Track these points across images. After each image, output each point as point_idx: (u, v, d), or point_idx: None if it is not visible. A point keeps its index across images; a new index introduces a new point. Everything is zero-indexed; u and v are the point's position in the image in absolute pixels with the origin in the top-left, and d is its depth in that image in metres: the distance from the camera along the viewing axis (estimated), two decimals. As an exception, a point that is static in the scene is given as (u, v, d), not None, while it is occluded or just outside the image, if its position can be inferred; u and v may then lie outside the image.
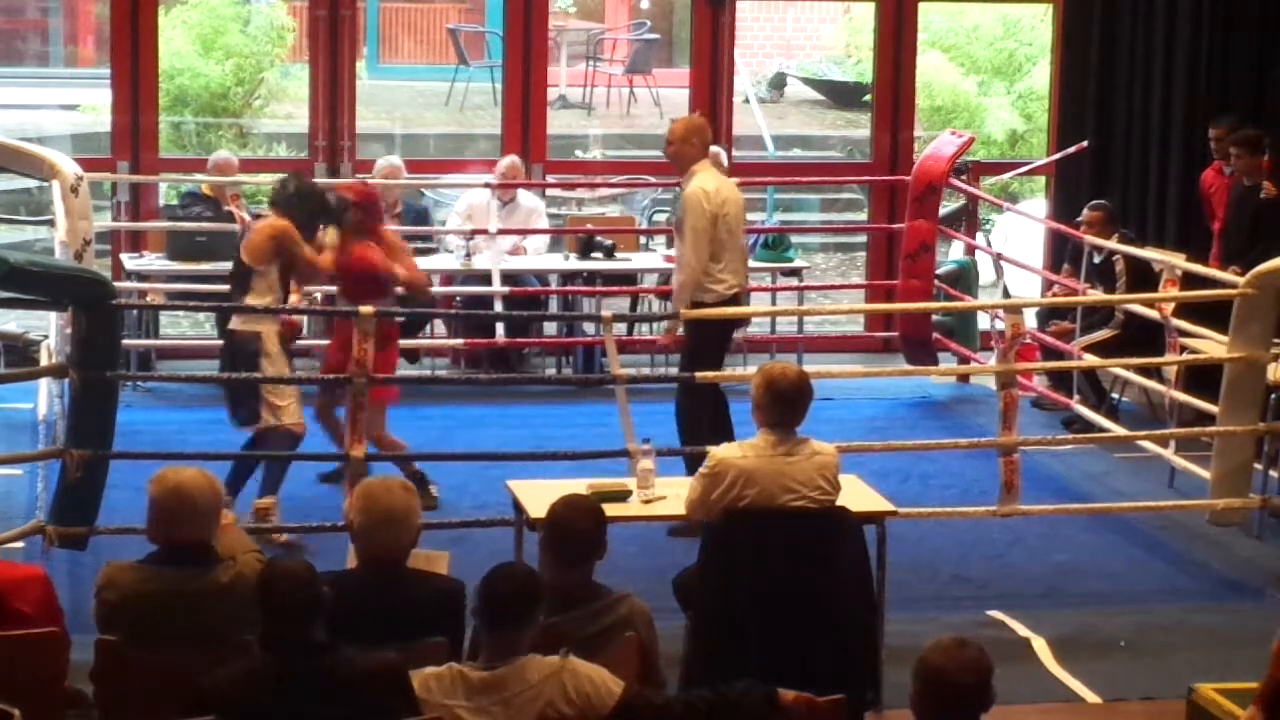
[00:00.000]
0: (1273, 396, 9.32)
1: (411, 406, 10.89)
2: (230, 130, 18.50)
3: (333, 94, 12.88)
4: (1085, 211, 11.36)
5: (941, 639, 4.63)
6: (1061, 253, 12.06)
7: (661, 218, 14.21)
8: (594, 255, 12.25)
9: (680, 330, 9.29)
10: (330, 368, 9.18)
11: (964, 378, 12.28)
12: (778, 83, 21.37)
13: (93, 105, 17.26)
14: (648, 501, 7.31)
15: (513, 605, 5.16)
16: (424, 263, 12.32)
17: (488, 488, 9.03)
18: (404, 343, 12.11)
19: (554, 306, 12.60)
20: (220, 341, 9.36)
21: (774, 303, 12.97)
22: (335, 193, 9.60)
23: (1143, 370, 10.46)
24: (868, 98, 15.36)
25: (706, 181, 9.23)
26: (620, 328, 9.03)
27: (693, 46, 13.67)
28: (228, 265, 11.59)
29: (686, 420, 9.22)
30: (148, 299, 11.28)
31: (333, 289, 9.91)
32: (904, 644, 6.81)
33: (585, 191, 16.71)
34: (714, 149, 12.65)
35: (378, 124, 18.30)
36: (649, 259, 12.67)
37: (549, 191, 13.77)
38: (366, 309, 8.28)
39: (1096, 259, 11.23)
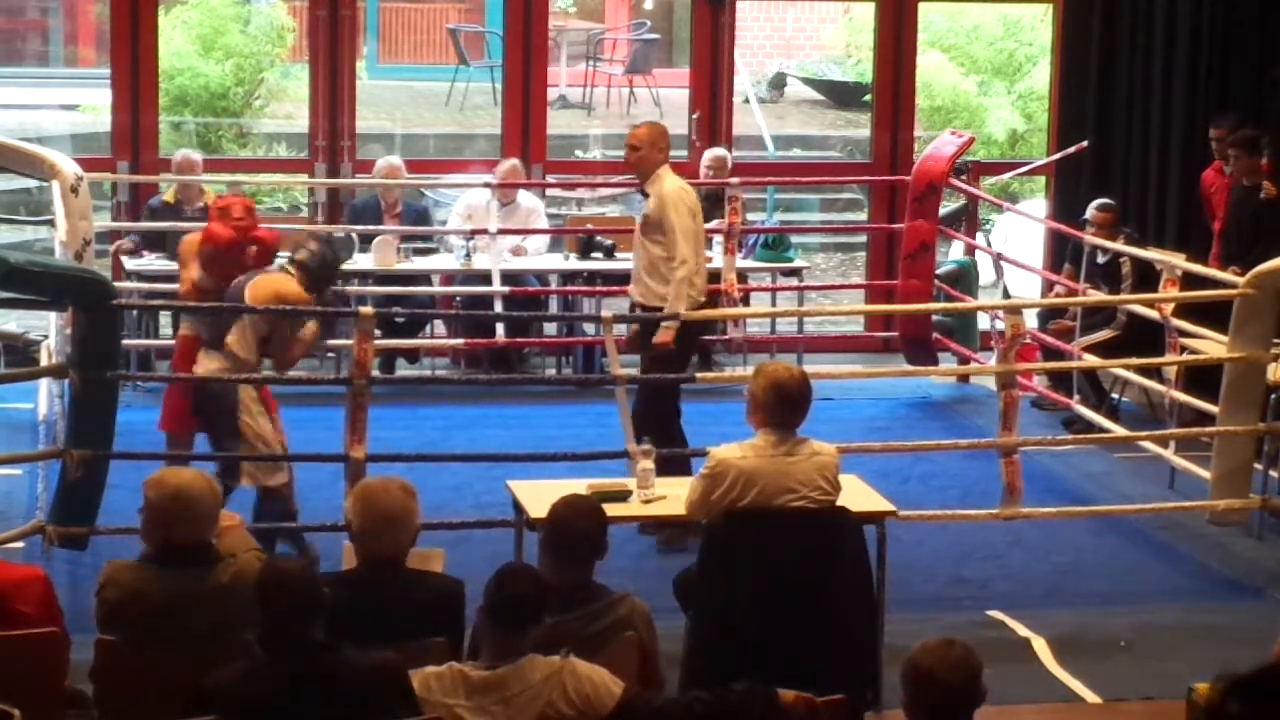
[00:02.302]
0: (1273, 396, 9.32)
1: (411, 406, 10.91)
2: (230, 130, 18.50)
3: (333, 94, 12.88)
4: (1093, 211, 11.33)
5: (928, 640, 4.63)
6: (1062, 253, 12.05)
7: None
8: (594, 255, 12.25)
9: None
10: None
11: (964, 378, 12.28)
12: (778, 83, 21.37)
13: (93, 105, 17.26)
14: (648, 501, 7.31)
15: (521, 606, 5.17)
16: (424, 263, 12.38)
17: (488, 488, 9.03)
18: (404, 342, 12.20)
19: (554, 306, 12.59)
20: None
21: (774, 303, 12.97)
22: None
23: (1143, 370, 10.46)
24: (868, 98, 15.36)
25: (680, 181, 9.20)
26: (620, 328, 9.01)
27: (693, 46, 13.68)
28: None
29: (654, 421, 9.03)
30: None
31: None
32: (904, 644, 6.73)
33: (585, 191, 16.71)
34: (719, 151, 12.74)
35: (378, 124, 18.30)
36: (649, 259, 12.65)
37: (549, 191, 13.77)
38: (366, 309, 8.26)
39: (1101, 259, 11.23)
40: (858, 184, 16.84)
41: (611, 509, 6.35)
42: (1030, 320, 11.49)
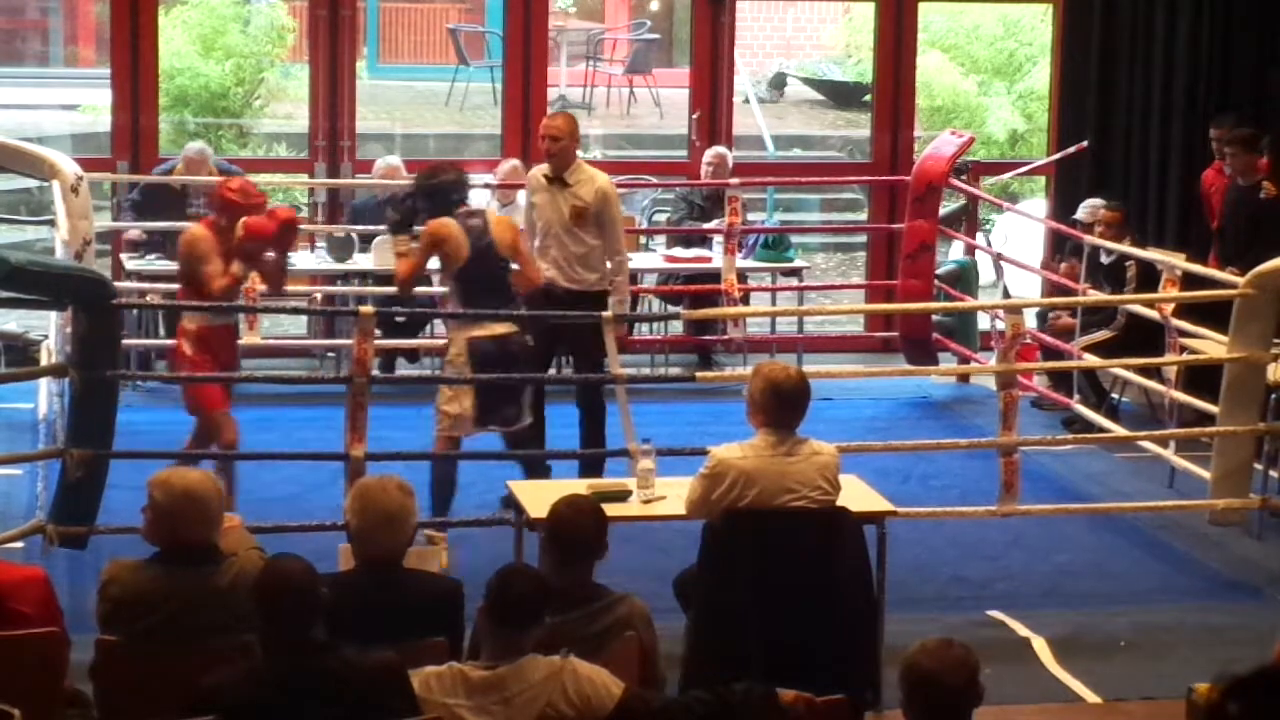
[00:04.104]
0: (1273, 396, 9.32)
1: (411, 406, 10.89)
2: (230, 130, 18.50)
3: (333, 94, 12.88)
4: (1101, 211, 11.32)
5: (926, 641, 4.63)
6: (1061, 253, 12.04)
7: (661, 218, 14.22)
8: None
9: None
10: None
11: (964, 378, 12.28)
12: (778, 83, 21.37)
13: (93, 105, 17.26)
14: (648, 501, 7.31)
15: (524, 606, 5.17)
16: (424, 263, 12.37)
17: (488, 488, 9.03)
18: (404, 343, 12.19)
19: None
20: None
21: (774, 303, 12.98)
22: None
23: (1143, 370, 10.46)
24: (868, 98, 15.36)
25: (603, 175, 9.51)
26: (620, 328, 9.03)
27: (693, 46, 13.68)
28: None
29: (599, 421, 9.32)
30: (147, 299, 11.28)
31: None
32: (904, 644, 6.71)
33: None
34: (720, 149, 12.76)
35: (378, 124, 18.30)
36: (649, 259, 12.67)
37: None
38: (366, 309, 8.26)
39: (1105, 259, 11.21)
40: (858, 184, 16.84)
41: (611, 509, 6.35)
42: (1030, 320, 11.49)
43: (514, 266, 8.85)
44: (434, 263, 12.26)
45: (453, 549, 8.18)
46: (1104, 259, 11.22)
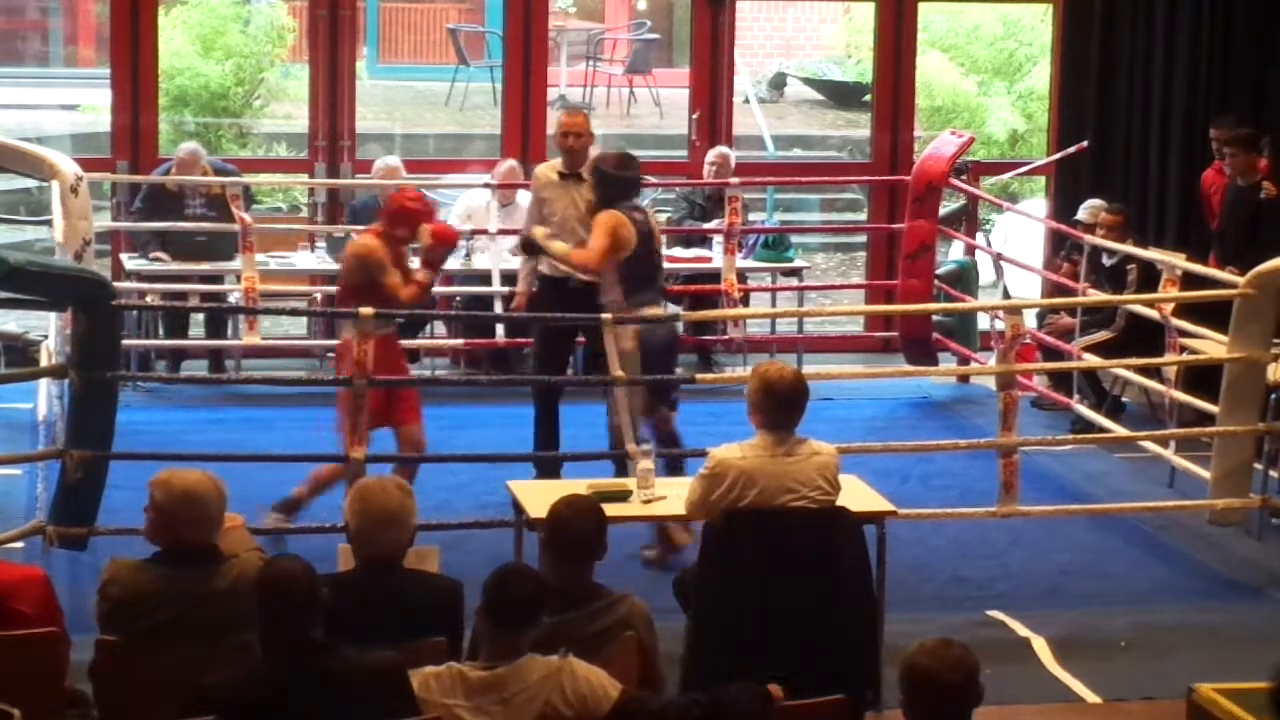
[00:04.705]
0: (1273, 396, 9.32)
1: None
2: (230, 130, 18.50)
3: (333, 94, 12.87)
4: (1102, 214, 11.31)
5: (925, 641, 4.63)
6: (1064, 249, 12.02)
7: (662, 218, 14.20)
8: (594, 255, 12.23)
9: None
10: None
11: (964, 378, 12.27)
12: (778, 83, 21.37)
13: (93, 105, 17.26)
14: (648, 501, 7.31)
15: (522, 606, 5.17)
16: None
17: (488, 488, 9.03)
18: (404, 343, 12.17)
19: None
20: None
21: (774, 303, 12.97)
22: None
23: (1143, 370, 10.45)
24: (868, 98, 15.36)
25: None
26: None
27: (693, 46, 13.68)
28: (227, 265, 11.70)
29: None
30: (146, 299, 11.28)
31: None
32: (904, 644, 6.71)
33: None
34: (723, 149, 12.76)
35: (378, 124, 18.30)
36: (649, 259, 12.64)
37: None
38: (366, 310, 8.26)
39: (1107, 261, 11.20)
40: (858, 184, 16.84)
41: (611, 509, 6.35)
42: (1030, 320, 11.48)
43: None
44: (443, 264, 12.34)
45: (452, 549, 8.18)
46: (1106, 261, 11.21)
